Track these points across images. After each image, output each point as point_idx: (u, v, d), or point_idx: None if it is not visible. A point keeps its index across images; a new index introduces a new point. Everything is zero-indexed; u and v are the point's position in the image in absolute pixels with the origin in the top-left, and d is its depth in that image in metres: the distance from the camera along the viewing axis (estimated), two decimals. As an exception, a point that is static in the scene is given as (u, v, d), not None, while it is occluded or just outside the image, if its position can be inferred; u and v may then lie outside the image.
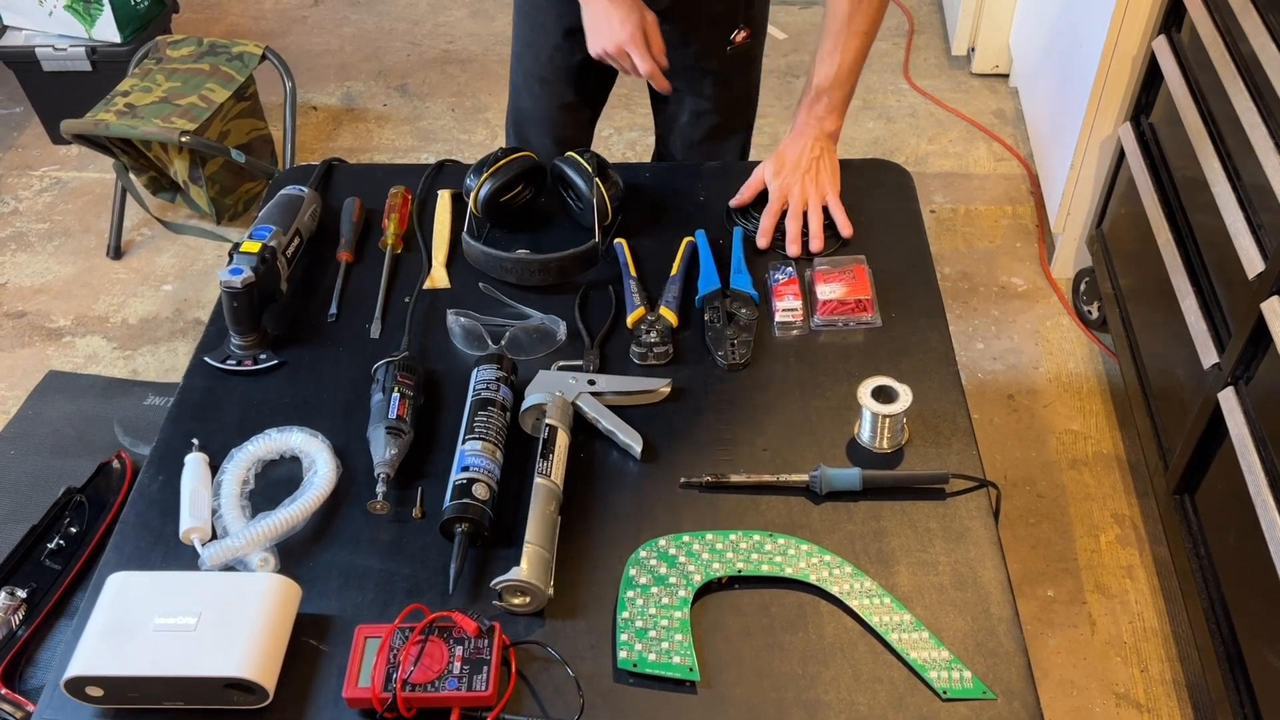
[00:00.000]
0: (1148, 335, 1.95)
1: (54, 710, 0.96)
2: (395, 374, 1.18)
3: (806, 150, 1.40)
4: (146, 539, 1.09)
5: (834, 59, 1.39)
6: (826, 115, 1.42)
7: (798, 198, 1.38)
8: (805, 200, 1.38)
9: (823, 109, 1.41)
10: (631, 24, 1.40)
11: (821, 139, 1.42)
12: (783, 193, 1.39)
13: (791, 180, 1.39)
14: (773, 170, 1.40)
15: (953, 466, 1.11)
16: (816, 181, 1.39)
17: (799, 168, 1.39)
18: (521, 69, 1.71)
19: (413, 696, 0.92)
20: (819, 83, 1.41)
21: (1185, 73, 1.81)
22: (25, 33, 2.77)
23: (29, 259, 2.64)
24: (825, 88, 1.41)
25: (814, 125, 1.42)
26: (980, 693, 0.94)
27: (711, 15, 1.59)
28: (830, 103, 1.41)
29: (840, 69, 1.39)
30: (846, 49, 1.38)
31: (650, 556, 1.04)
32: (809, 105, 1.42)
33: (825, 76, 1.40)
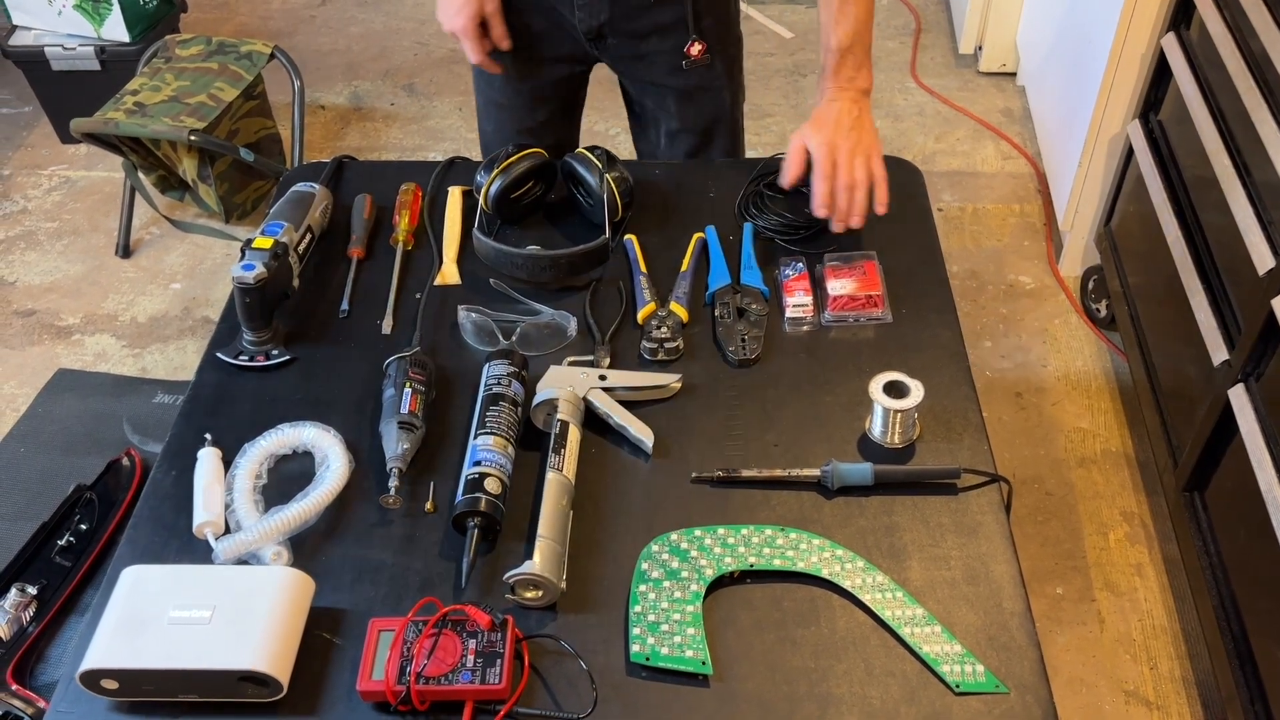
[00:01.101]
0: (1157, 333, 1.94)
1: (69, 703, 0.96)
2: (407, 369, 1.18)
3: (846, 111, 1.34)
4: (160, 533, 1.09)
5: (848, 14, 1.33)
6: (856, 73, 1.35)
7: (846, 161, 1.31)
8: (853, 165, 1.31)
9: (850, 68, 1.35)
10: (467, 12, 1.42)
11: (858, 98, 1.35)
12: (830, 153, 1.31)
13: (838, 138, 1.32)
14: (812, 131, 1.34)
15: (964, 462, 1.11)
16: (862, 142, 1.33)
17: (842, 126, 1.33)
18: (480, 95, 1.69)
19: (427, 689, 0.92)
20: (840, 42, 1.34)
21: (1195, 70, 1.81)
22: (34, 32, 2.78)
23: (38, 258, 2.64)
24: (848, 45, 1.34)
25: (847, 86, 1.35)
26: (993, 686, 0.94)
27: (659, 26, 1.50)
28: (856, 59, 1.35)
29: (859, 23, 1.34)
30: (856, 4, 1.34)
31: (662, 551, 1.04)
32: (835, 69, 1.35)
33: (845, 34, 1.34)
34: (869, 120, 1.35)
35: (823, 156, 1.32)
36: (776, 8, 3.37)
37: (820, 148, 1.32)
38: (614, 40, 1.51)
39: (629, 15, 1.48)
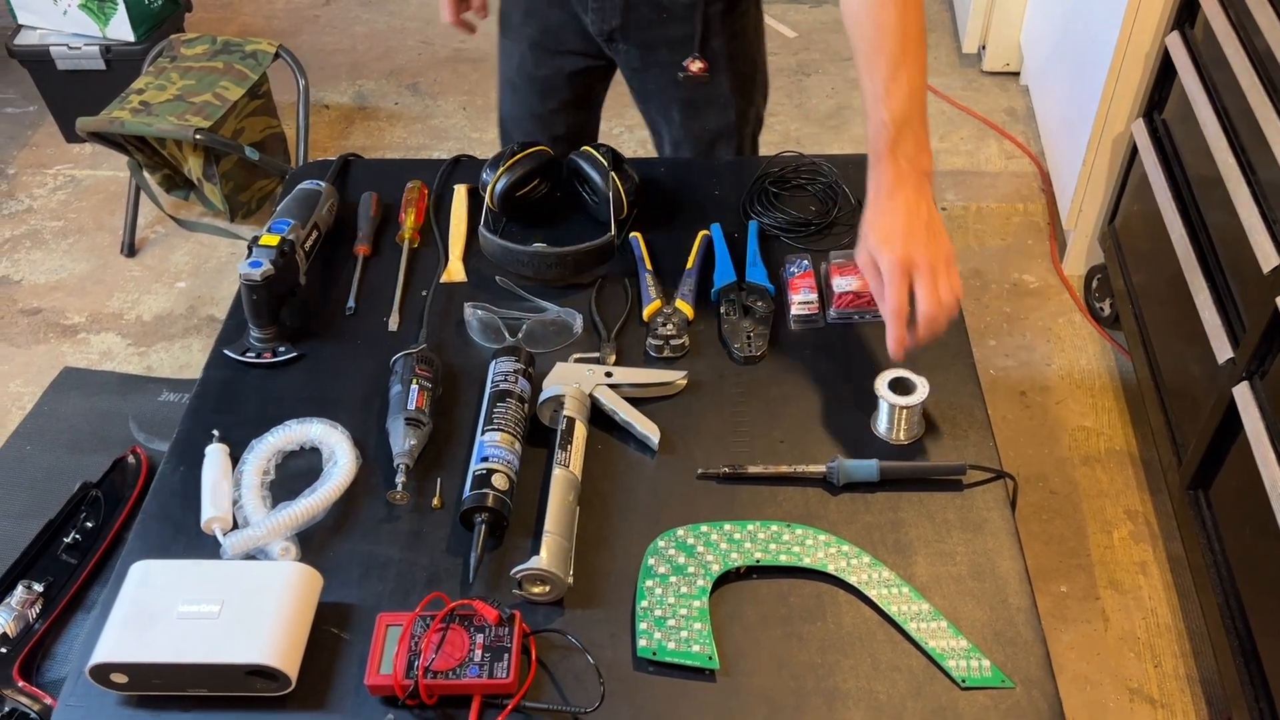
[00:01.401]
0: (1161, 331, 1.95)
1: (78, 697, 0.96)
2: (414, 366, 1.18)
3: (913, 208, 1.12)
4: (168, 529, 1.10)
5: (901, 82, 1.11)
6: (917, 153, 1.12)
7: (929, 284, 1.09)
8: (935, 289, 1.10)
9: (911, 146, 1.12)
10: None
11: (922, 184, 1.13)
12: (906, 275, 1.09)
13: (913, 251, 1.09)
14: (880, 245, 1.11)
15: (970, 458, 1.12)
16: (940, 252, 1.11)
17: (915, 234, 1.10)
18: (500, 72, 1.71)
19: (435, 684, 0.92)
20: (895, 115, 1.11)
21: (1199, 68, 1.81)
22: (40, 32, 2.79)
23: (44, 256, 2.65)
24: (905, 119, 1.11)
25: (909, 171, 1.12)
26: (999, 681, 0.94)
27: (669, 39, 1.49)
28: (915, 135, 1.12)
29: (914, 91, 1.12)
30: (910, 66, 1.11)
31: (669, 546, 1.05)
32: (891, 147, 1.12)
33: (900, 106, 1.11)
34: (937, 216, 1.14)
35: (898, 284, 1.09)
36: (780, 7, 3.37)
37: (895, 271, 1.09)
38: (624, 46, 1.53)
39: (640, 26, 1.50)
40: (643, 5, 1.47)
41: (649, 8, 1.47)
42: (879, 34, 1.11)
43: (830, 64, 3.15)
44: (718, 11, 1.48)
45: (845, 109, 2.97)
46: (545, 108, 1.67)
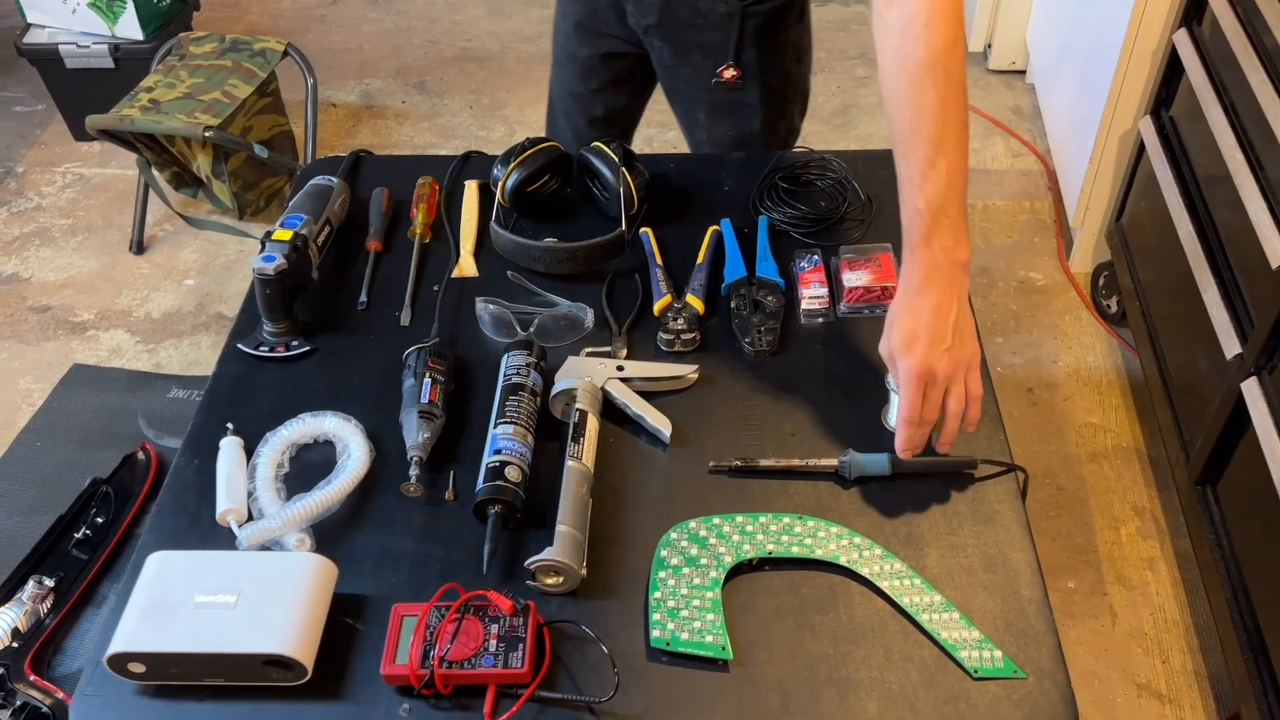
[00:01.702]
0: (1168, 328, 1.95)
1: (95, 686, 0.97)
2: (427, 360, 1.19)
3: (943, 307, 1.04)
4: (183, 521, 1.10)
5: (940, 169, 1.03)
6: (955, 243, 1.05)
7: (939, 392, 1.05)
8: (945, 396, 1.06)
9: (948, 236, 1.04)
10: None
11: (955, 278, 1.05)
12: (921, 384, 1.04)
13: (933, 360, 1.04)
14: (901, 349, 1.05)
15: (980, 452, 1.12)
16: (962, 359, 1.05)
17: (938, 338, 1.04)
18: (553, 45, 1.73)
19: (450, 674, 0.93)
20: (931, 203, 1.03)
21: (1207, 66, 1.81)
22: (49, 30, 2.80)
23: (53, 254, 2.66)
24: (940, 207, 1.03)
25: (944, 264, 1.04)
26: (1011, 672, 0.95)
27: (702, 44, 1.50)
28: (953, 225, 1.04)
29: (952, 179, 1.03)
30: (950, 153, 1.03)
31: (681, 538, 1.05)
32: (926, 237, 1.04)
33: (936, 193, 1.03)
34: (968, 315, 1.07)
35: (912, 391, 1.04)
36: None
37: (910, 380, 1.04)
38: (659, 43, 1.54)
39: (676, 26, 1.51)
40: (681, 7, 1.48)
41: (687, 10, 1.48)
42: (918, 118, 1.04)
43: (836, 63, 3.15)
44: (754, 26, 1.49)
45: (852, 107, 2.97)
46: (585, 88, 1.68)
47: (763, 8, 1.48)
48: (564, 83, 1.71)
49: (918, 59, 1.03)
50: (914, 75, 1.03)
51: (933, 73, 1.03)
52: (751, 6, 1.47)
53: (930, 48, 1.02)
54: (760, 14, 1.48)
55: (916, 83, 1.03)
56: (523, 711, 0.93)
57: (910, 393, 1.04)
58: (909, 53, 1.04)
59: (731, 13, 1.47)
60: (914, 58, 1.03)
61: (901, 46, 1.04)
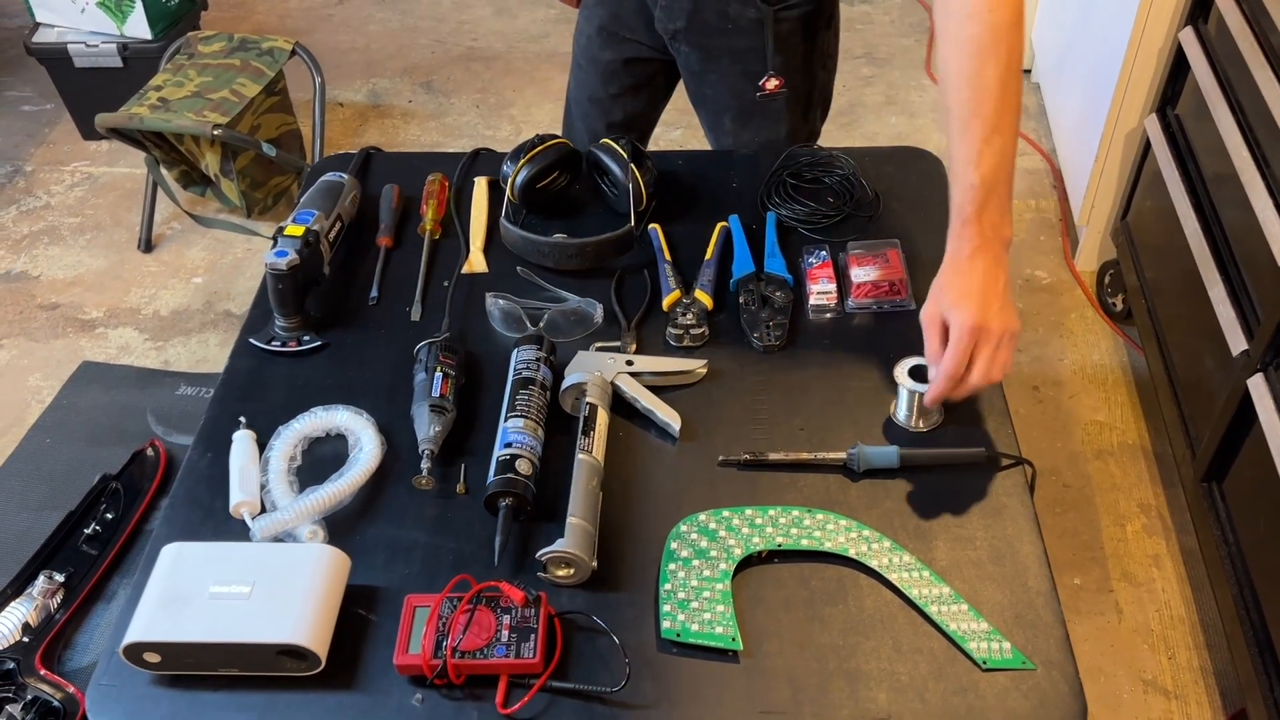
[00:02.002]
0: (1174, 325, 1.95)
1: (111, 677, 0.98)
2: (438, 354, 1.20)
3: (993, 275, 1.10)
4: (196, 514, 1.11)
5: (995, 146, 1.07)
6: (1002, 220, 1.10)
7: (988, 357, 1.09)
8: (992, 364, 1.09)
9: (996, 213, 1.09)
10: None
11: (1002, 255, 1.11)
12: (973, 341, 1.08)
13: (989, 319, 1.08)
14: (956, 304, 1.09)
15: (989, 445, 1.13)
16: (1010, 329, 1.10)
17: (991, 302, 1.09)
18: (572, 53, 1.73)
19: (462, 663, 0.94)
20: (985, 179, 1.07)
21: (1213, 64, 1.82)
22: (58, 29, 2.81)
23: (61, 252, 2.67)
24: (993, 184, 1.08)
25: (993, 238, 1.10)
26: (1020, 663, 0.95)
27: (731, 49, 1.50)
28: (1001, 202, 1.09)
29: (1005, 157, 1.08)
30: (1004, 133, 1.07)
31: (691, 530, 1.06)
32: (979, 212, 1.08)
33: (991, 170, 1.07)
34: (1010, 290, 1.12)
35: (964, 347, 1.07)
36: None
37: (964, 334, 1.07)
38: (686, 48, 1.54)
39: (704, 32, 1.51)
40: (709, 12, 1.48)
41: (715, 16, 1.48)
42: (976, 97, 1.08)
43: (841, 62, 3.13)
44: (785, 31, 1.49)
45: (857, 106, 2.98)
46: (606, 92, 1.68)
47: (793, 13, 1.48)
48: (584, 87, 1.70)
49: (980, 40, 1.07)
50: (976, 56, 1.07)
51: (995, 53, 1.06)
52: (782, 11, 1.47)
53: (994, 29, 1.06)
54: (790, 20, 1.48)
55: (978, 63, 1.07)
56: (534, 701, 0.94)
57: (962, 346, 1.07)
58: (971, 34, 1.07)
59: (762, 18, 1.46)
60: (977, 39, 1.07)
61: (963, 29, 1.08)
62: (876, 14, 3.35)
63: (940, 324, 1.10)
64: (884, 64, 3.14)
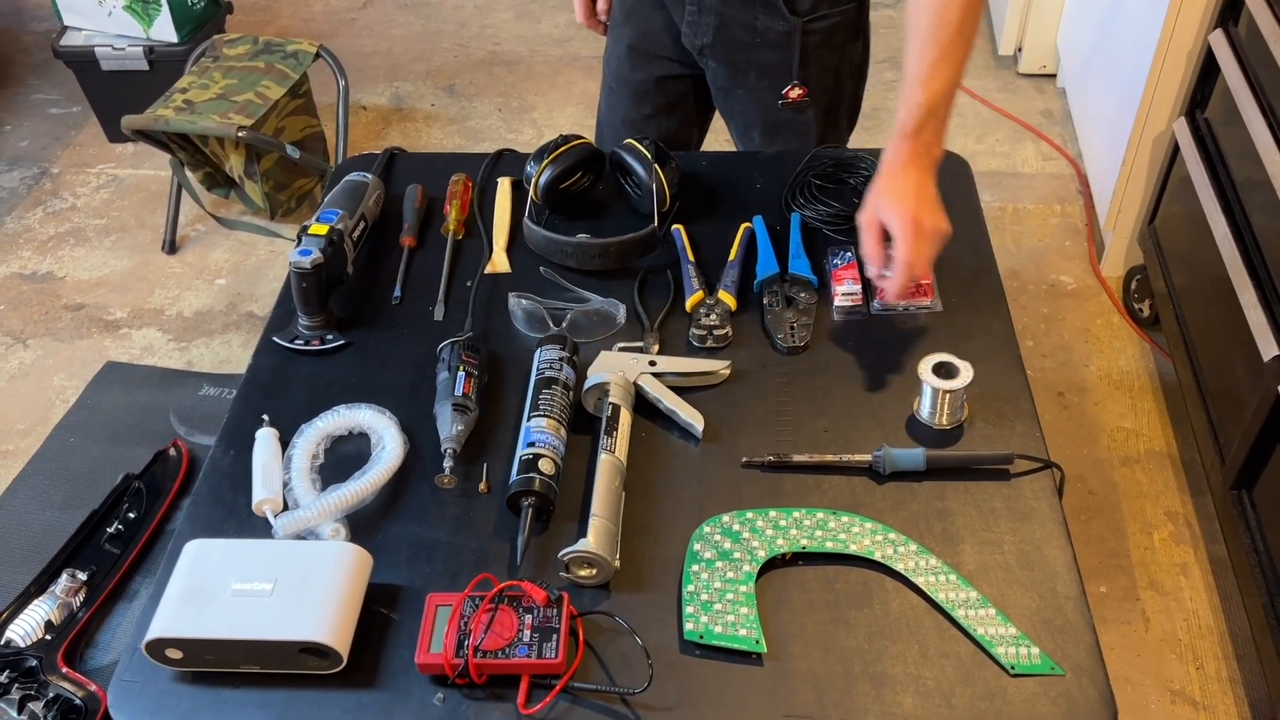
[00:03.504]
0: (1203, 331, 1.93)
1: (133, 673, 0.98)
2: (460, 353, 1.20)
3: (924, 183, 1.20)
4: (219, 511, 1.11)
5: (943, 71, 1.18)
6: (934, 141, 1.20)
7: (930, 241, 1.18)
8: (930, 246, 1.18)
9: (930, 134, 1.19)
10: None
11: (931, 170, 1.21)
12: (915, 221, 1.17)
13: (923, 212, 1.18)
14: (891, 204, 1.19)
15: (1016, 448, 1.11)
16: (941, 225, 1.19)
17: (925, 204, 1.19)
18: (602, 75, 1.72)
19: (484, 663, 0.93)
20: (929, 99, 1.17)
21: (1243, 66, 1.80)
22: (85, 33, 2.84)
23: (86, 253, 2.69)
24: (936, 106, 1.18)
25: (924, 154, 1.20)
26: (1048, 668, 0.94)
27: (758, 63, 1.50)
28: (937, 126, 1.20)
29: (949, 85, 1.18)
30: (953, 62, 1.18)
31: (714, 532, 1.05)
32: (917, 128, 1.19)
33: (936, 93, 1.18)
34: (939, 200, 1.21)
35: (911, 237, 1.17)
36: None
37: (906, 225, 1.17)
38: (713, 64, 1.53)
39: (731, 46, 1.50)
40: (736, 26, 1.47)
41: (743, 30, 1.47)
42: (935, 24, 1.17)
43: (865, 66, 3.14)
44: (814, 43, 1.48)
45: (880, 110, 2.96)
46: (639, 113, 1.66)
47: (822, 25, 1.46)
48: (616, 109, 1.68)
49: None
50: None
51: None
52: (811, 23, 1.46)
53: None
54: (820, 31, 1.47)
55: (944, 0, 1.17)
56: (556, 702, 0.93)
57: (910, 236, 1.17)
58: None
59: (791, 30, 1.45)
60: None
61: None
62: (900, 18, 3.33)
63: (878, 226, 1.20)
64: (907, 68, 3.12)
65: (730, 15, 1.46)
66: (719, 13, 1.46)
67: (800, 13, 1.43)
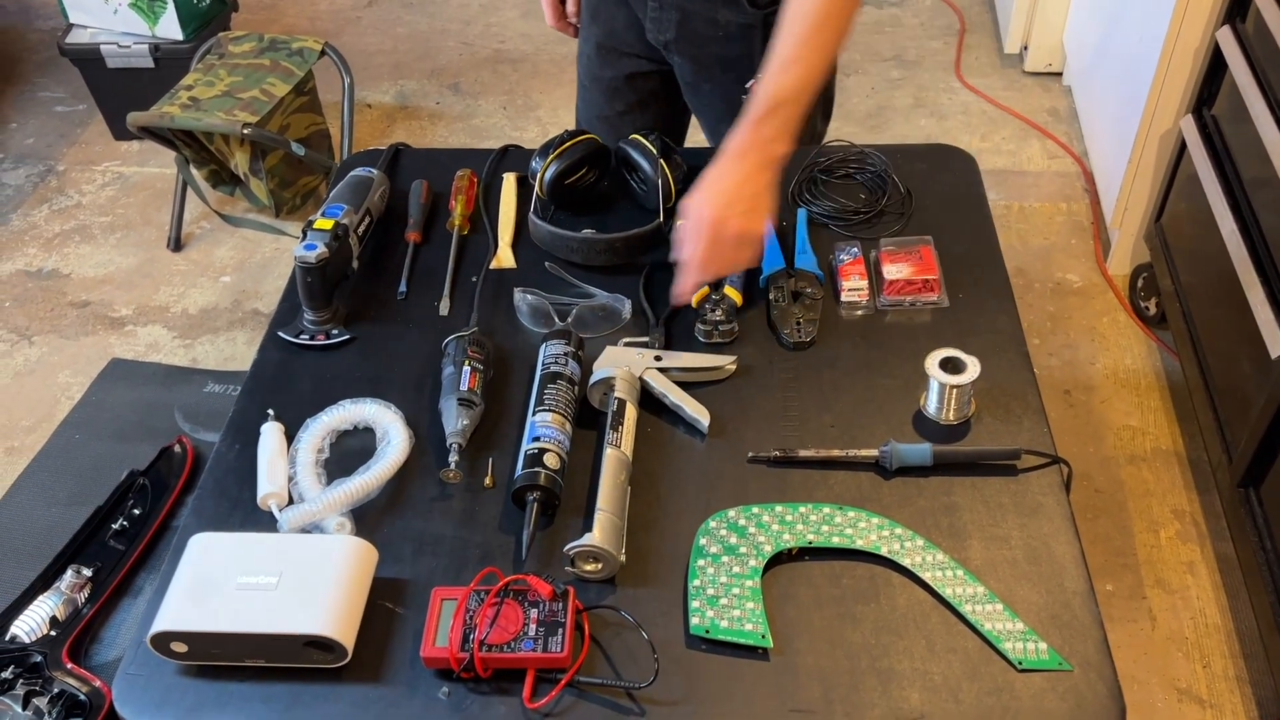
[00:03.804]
0: (1210, 329, 1.92)
1: (138, 666, 0.98)
2: (466, 348, 1.19)
3: (749, 179, 1.15)
4: (224, 505, 1.11)
5: (801, 66, 1.14)
6: (777, 136, 1.15)
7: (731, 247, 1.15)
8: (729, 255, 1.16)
9: (773, 128, 1.14)
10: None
11: (768, 166, 1.16)
12: (714, 225, 1.13)
13: (730, 214, 1.13)
14: (701, 196, 1.15)
15: (1023, 443, 1.11)
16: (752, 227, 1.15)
17: (740, 202, 1.14)
18: (578, 69, 1.72)
19: (489, 657, 0.93)
20: (778, 93, 1.14)
21: (1251, 64, 1.79)
22: (90, 30, 2.84)
23: (92, 251, 2.69)
24: (784, 100, 1.14)
25: (759, 148, 1.15)
26: (1056, 664, 0.94)
27: (722, 58, 1.47)
28: (785, 120, 1.15)
29: (809, 78, 1.14)
30: (812, 59, 1.14)
31: (720, 527, 1.05)
32: (758, 121, 1.14)
33: (787, 86, 1.14)
34: (770, 197, 1.16)
35: (697, 237, 1.14)
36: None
37: (697, 224, 1.14)
38: (678, 59, 1.53)
39: (694, 41, 1.49)
40: (698, 21, 1.46)
41: (704, 24, 1.46)
42: (797, 19, 1.15)
43: (870, 64, 3.14)
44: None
45: (886, 109, 2.96)
46: (613, 110, 1.66)
47: None
48: (591, 106, 1.68)
49: None
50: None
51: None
52: (772, 15, 1.45)
53: None
54: None
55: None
56: (562, 696, 0.93)
57: (695, 237, 1.14)
58: None
59: (751, 24, 1.44)
60: None
61: None
62: (905, 16, 3.33)
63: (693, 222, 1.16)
64: (913, 66, 3.12)
65: (692, 10, 1.45)
66: (680, 8, 1.45)
67: (760, 5, 1.41)
